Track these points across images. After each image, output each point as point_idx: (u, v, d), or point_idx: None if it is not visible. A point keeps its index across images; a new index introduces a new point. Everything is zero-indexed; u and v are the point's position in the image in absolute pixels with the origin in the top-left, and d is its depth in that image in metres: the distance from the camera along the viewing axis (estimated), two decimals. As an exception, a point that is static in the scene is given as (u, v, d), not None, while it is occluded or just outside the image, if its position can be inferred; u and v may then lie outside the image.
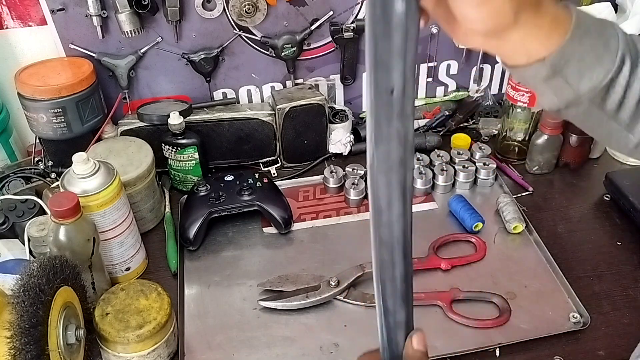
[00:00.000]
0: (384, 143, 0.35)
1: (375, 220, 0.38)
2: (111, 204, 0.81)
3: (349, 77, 1.17)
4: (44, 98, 0.95)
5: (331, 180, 1.06)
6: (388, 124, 0.35)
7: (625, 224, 0.97)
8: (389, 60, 0.34)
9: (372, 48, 0.34)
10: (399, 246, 0.39)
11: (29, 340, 0.60)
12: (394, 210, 0.38)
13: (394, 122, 0.35)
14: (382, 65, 0.34)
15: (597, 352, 0.78)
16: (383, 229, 0.39)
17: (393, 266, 0.40)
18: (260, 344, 0.80)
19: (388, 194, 0.37)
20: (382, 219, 0.38)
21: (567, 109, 0.47)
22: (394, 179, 0.36)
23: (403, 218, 0.38)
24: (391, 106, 0.34)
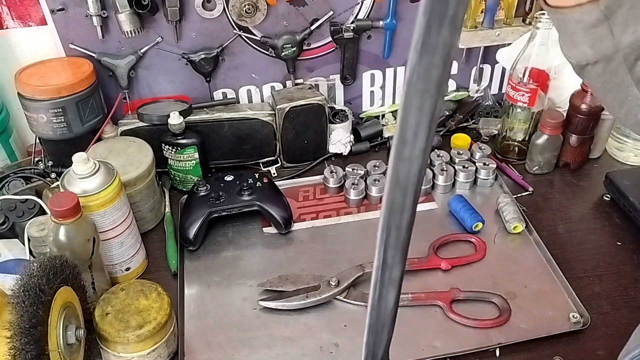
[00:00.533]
0: (428, 55, 0.31)
1: (397, 152, 0.34)
2: (111, 204, 0.81)
3: (349, 77, 1.17)
4: (44, 98, 0.95)
5: (331, 180, 1.06)
6: (438, 31, 0.31)
7: (625, 224, 0.97)
8: None
9: None
10: (412, 188, 0.36)
11: (29, 340, 0.60)
12: (418, 143, 0.33)
13: (444, 30, 0.31)
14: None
15: (597, 352, 0.78)
16: (403, 165, 0.34)
17: (402, 211, 0.37)
18: (260, 344, 0.80)
19: (417, 122, 0.33)
20: (405, 152, 0.34)
21: (595, 65, 0.44)
22: (426, 104, 0.32)
23: (423, 155, 0.34)
24: (446, 6, 0.30)
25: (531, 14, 1.13)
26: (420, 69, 0.31)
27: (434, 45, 0.31)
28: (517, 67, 1.04)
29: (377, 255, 0.39)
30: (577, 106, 1.02)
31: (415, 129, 0.33)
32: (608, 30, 0.41)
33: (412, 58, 0.31)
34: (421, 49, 0.31)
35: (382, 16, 1.10)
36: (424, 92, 0.32)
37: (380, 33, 1.13)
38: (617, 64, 0.44)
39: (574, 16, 0.42)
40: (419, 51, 0.31)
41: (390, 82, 1.21)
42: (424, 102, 0.32)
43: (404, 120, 0.33)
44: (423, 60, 0.31)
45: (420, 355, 0.77)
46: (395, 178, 0.35)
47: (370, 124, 1.19)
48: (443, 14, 0.30)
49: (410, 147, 0.33)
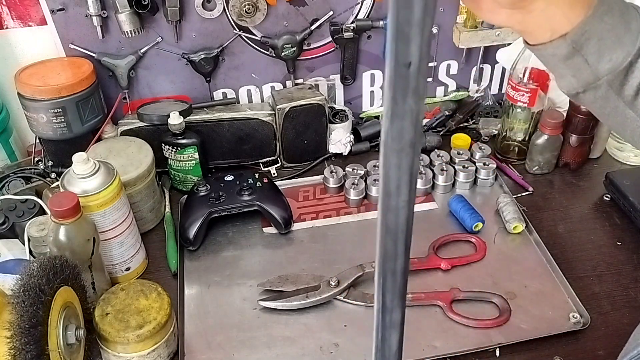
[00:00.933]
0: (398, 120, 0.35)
1: (384, 204, 0.38)
2: (111, 204, 0.81)
3: (349, 77, 1.17)
4: (44, 98, 0.95)
5: (331, 180, 1.06)
6: (403, 100, 0.35)
7: (625, 224, 0.97)
8: (408, 31, 0.33)
9: (394, 17, 0.33)
10: (402, 235, 0.39)
11: (29, 340, 0.60)
12: (401, 195, 0.37)
13: (409, 99, 0.35)
14: (401, 36, 0.33)
15: (597, 352, 0.78)
16: (390, 215, 0.38)
17: (395, 257, 0.40)
18: (260, 344, 0.80)
19: (398, 177, 0.37)
20: (391, 204, 0.37)
21: (585, 93, 0.47)
22: (404, 161, 0.36)
23: (408, 205, 0.38)
24: (407, 81, 0.34)
25: (531, 14, 1.13)
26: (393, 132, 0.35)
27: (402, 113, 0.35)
28: (517, 67, 1.04)
29: (376, 299, 0.42)
30: (577, 106, 1.02)
31: (397, 183, 0.36)
32: (583, 61, 0.44)
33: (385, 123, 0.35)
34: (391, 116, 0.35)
35: (382, 16, 1.10)
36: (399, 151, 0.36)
37: (380, 33, 1.13)
38: (604, 90, 0.46)
39: (548, 51, 0.45)
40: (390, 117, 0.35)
41: (390, 82, 1.20)
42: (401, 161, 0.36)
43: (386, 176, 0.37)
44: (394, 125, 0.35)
45: (420, 355, 0.77)
46: (384, 227, 0.38)
47: (370, 124, 1.19)
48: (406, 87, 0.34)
49: (395, 199, 0.37)
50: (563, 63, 0.45)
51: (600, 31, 0.43)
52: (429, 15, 0.34)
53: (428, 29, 0.35)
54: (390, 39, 0.34)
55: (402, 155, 0.36)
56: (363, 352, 0.79)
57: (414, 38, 0.33)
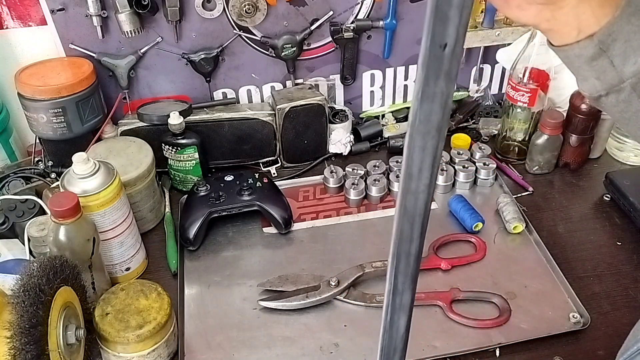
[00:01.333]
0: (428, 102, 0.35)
1: (405, 186, 0.38)
2: (111, 204, 0.81)
3: (349, 77, 1.17)
4: (44, 98, 0.95)
5: (331, 180, 1.06)
6: (435, 82, 0.35)
7: (625, 224, 0.97)
8: (447, 11, 0.34)
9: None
10: (419, 219, 0.39)
11: (29, 340, 0.60)
12: (423, 179, 0.37)
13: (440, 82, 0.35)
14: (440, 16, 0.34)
15: (597, 352, 0.78)
16: (410, 197, 0.38)
17: (411, 240, 0.40)
18: (260, 344, 0.80)
19: (421, 160, 0.37)
20: (411, 186, 0.37)
21: (608, 96, 0.46)
22: (429, 144, 0.36)
23: (428, 190, 0.38)
24: (441, 63, 0.34)
25: (531, 14, 1.12)
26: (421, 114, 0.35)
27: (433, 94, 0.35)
28: (517, 67, 1.04)
29: (388, 281, 0.42)
30: (577, 106, 1.02)
31: (419, 166, 0.37)
32: (609, 62, 0.44)
33: (414, 104, 0.35)
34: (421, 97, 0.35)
35: (382, 16, 1.10)
36: (425, 134, 0.36)
37: (380, 33, 1.13)
38: (627, 93, 0.46)
39: (574, 52, 0.45)
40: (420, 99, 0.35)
41: (390, 82, 1.21)
42: (426, 143, 0.36)
43: (409, 158, 0.36)
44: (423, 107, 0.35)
45: (420, 355, 0.77)
46: (403, 209, 0.38)
47: (370, 124, 1.19)
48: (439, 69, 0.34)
49: (416, 182, 0.37)
50: (588, 65, 0.45)
51: (627, 32, 0.43)
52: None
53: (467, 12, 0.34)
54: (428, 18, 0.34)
55: (427, 137, 0.36)
56: (363, 352, 0.79)
57: (452, 19, 0.34)
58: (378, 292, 0.87)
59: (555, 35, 0.46)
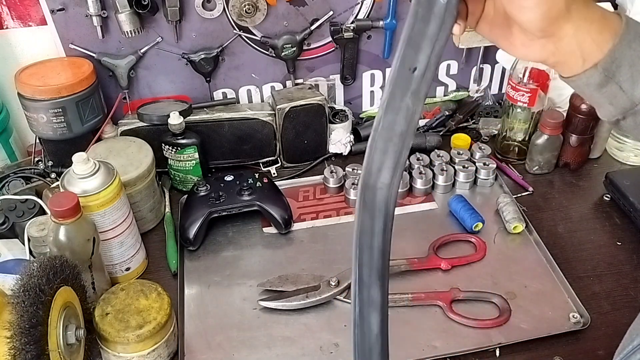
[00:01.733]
0: (392, 113, 0.38)
1: (363, 181, 0.41)
2: (111, 204, 0.81)
3: (349, 77, 1.17)
4: (44, 98, 0.95)
5: (331, 180, 1.06)
6: (401, 98, 0.38)
7: (625, 224, 0.97)
8: (420, 41, 0.37)
9: (409, 26, 0.38)
10: (380, 215, 0.41)
11: (29, 340, 0.60)
12: (381, 178, 0.40)
13: (407, 98, 0.38)
14: (413, 44, 0.37)
15: (597, 352, 0.78)
16: (368, 192, 0.41)
17: (372, 234, 0.43)
18: (260, 344, 0.80)
19: (381, 160, 0.40)
20: (370, 182, 0.40)
21: (626, 120, 0.48)
22: (390, 149, 0.39)
23: (388, 190, 0.40)
24: (409, 83, 0.38)
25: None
26: (385, 122, 0.39)
27: (398, 108, 0.38)
28: (517, 67, 1.04)
29: (353, 271, 0.45)
30: (577, 106, 1.02)
31: (379, 165, 0.40)
32: (617, 88, 0.46)
33: (379, 112, 0.39)
34: (386, 108, 0.39)
35: (382, 16, 1.10)
36: (387, 140, 0.39)
37: (380, 33, 1.13)
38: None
39: (582, 81, 0.47)
40: (384, 109, 0.39)
41: (390, 82, 1.21)
42: (387, 147, 0.39)
43: (369, 156, 0.40)
44: (387, 116, 0.39)
45: (420, 355, 0.77)
46: (362, 202, 0.41)
47: (370, 124, 1.19)
48: (406, 87, 0.38)
49: (374, 178, 0.40)
50: (598, 92, 0.47)
51: (630, 57, 0.44)
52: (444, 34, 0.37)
53: (440, 45, 0.37)
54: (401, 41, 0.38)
55: (389, 143, 0.39)
56: None
57: (424, 49, 0.37)
58: (378, 292, 0.86)
59: (564, 67, 0.47)
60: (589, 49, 0.45)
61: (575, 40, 0.44)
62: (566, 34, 0.44)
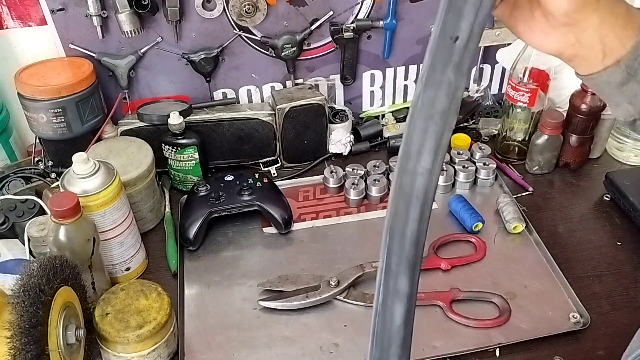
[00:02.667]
0: (432, 88, 0.35)
1: (401, 165, 0.37)
2: (111, 204, 0.81)
3: (349, 77, 1.17)
4: (44, 98, 0.95)
5: (331, 180, 1.06)
6: (442, 71, 0.35)
7: (625, 224, 0.97)
8: (462, 7, 0.34)
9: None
10: (417, 202, 0.38)
11: (29, 340, 0.60)
12: (421, 161, 0.37)
13: (448, 72, 0.35)
14: (455, 10, 0.34)
15: (597, 352, 0.78)
16: (406, 177, 0.37)
17: (406, 221, 0.39)
18: (260, 344, 0.80)
19: (420, 142, 0.36)
20: (408, 166, 0.37)
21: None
22: (431, 129, 0.36)
23: (429, 174, 0.37)
24: (451, 54, 0.34)
25: (531, 14, 1.12)
26: (424, 98, 0.35)
27: (438, 82, 0.35)
28: (517, 67, 1.04)
29: (381, 258, 0.40)
30: (577, 106, 1.02)
31: (419, 147, 0.36)
32: (638, 86, 0.44)
33: (418, 87, 0.35)
34: (425, 82, 0.35)
35: (382, 16, 1.10)
36: (428, 117, 0.35)
37: (380, 33, 1.13)
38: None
39: (602, 79, 0.45)
40: (424, 83, 0.35)
41: (390, 82, 1.21)
42: (428, 127, 0.35)
43: (408, 137, 0.36)
44: (427, 92, 0.35)
45: (420, 355, 0.77)
46: (398, 187, 0.38)
47: (370, 124, 1.19)
48: (447, 59, 0.34)
49: (413, 162, 0.36)
50: (618, 90, 0.45)
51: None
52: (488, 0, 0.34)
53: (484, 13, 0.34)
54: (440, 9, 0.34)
55: (430, 122, 0.35)
56: (363, 352, 0.79)
57: (466, 15, 0.34)
58: (378, 292, 0.86)
59: (582, 62, 0.45)
60: (611, 44, 0.43)
61: (598, 34, 0.43)
62: (590, 24, 0.42)
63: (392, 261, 0.40)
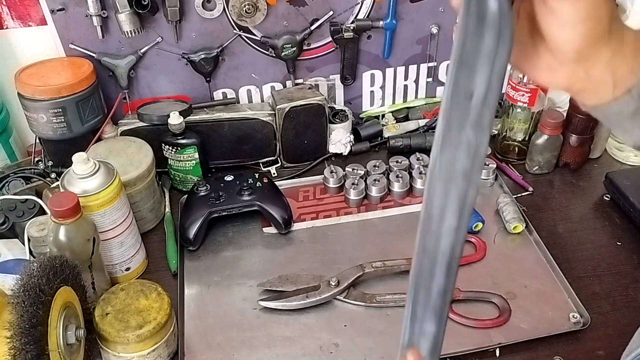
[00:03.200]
0: (450, 149, 0.33)
1: (424, 226, 0.36)
2: (111, 204, 0.81)
3: (349, 77, 1.17)
4: (44, 98, 0.95)
5: (331, 180, 1.06)
6: (459, 131, 0.33)
7: (625, 224, 0.97)
8: (475, 59, 0.32)
9: (459, 44, 0.32)
10: (443, 259, 0.37)
11: (29, 340, 0.60)
12: (445, 223, 0.36)
13: (466, 130, 0.33)
14: (466, 64, 0.32)
15: (597, 352, 0.78)
16: (429, 238, 0.37)
17: (431, 277, 0.38)
18: (260, 344, 0.80)
19: (442, 204, 0.35)
20: (431, 227, 0.36)
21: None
22: (453, 191, 0.34)
23: (455, 234, 0.36)
24: (467, 112, 0.32)
25: (531, 14, 1.12)
26: (442, 161, 0.34)
27: (456, 143, 0.33)
28: (517, 67, 1.04)
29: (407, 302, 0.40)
30: (577, 106, 1.01)
31: (440, 210, 0.35)
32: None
33: (434, 150, 0.34)
34: (442, 145, 0.33)
35: (382, 16, 1.10)
36: (447, 181, 0.34)
37: (380, 33, 1.13)
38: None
39: (612, 110, 0.43)
40: (440, 146, 0.33)
41: (390, 82, 1.21)
42: (449, 189, 0.34)
43: (428, 201, 0.35)
44: (445, 155, 0.33)
45: (420, 355, 0.77)
46: (422, 247, 0.38)
47: (370, 124, 1.19)
48: (463, 118, 0.32)
49: (436, 224, 0.36)
50: (630, 119, 0.43)
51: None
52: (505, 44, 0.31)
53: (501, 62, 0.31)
54: (451, 64, 0.32)
55: (450, 184, 0.34)
56: (363, 352, 0.79)
57: (481, 68, 0.31)
58: (378, 292, 0.87)
59: (590, 94, 0.43)
60: (622, 75, 0.40)
61: (609, 67, 0.40)
62: (602, 59, 0.39)
63: (418, 309, 0.40)
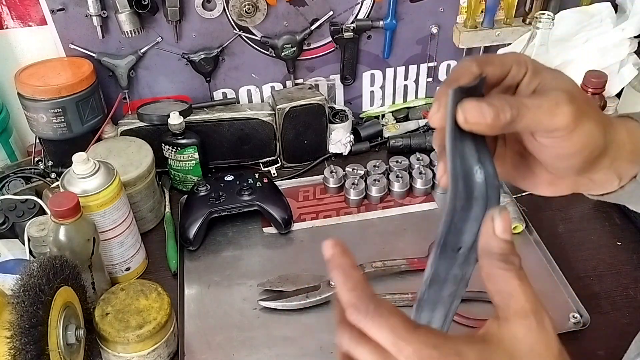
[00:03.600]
0: (437, 284, 0.37)
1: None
2: (111, 204, 0.81)
3: (349, 77, 1.17)
4: (44, 98, 0.95)
5: (331, 180, 1.06)
6: (446, 273, 0.37)
7: (625, 224, 0.97)
8: (463, 226, 0.35)
9: (450, 214, 0.35)
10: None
11: (29, 340, 0.60)
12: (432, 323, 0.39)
13: (454, 270, 0.37)
14: (454, 230, 0.35)
15: (597, 352, 0.78)
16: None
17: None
18: (260, 344, 0.80)
19: (429, 317, 0.39)
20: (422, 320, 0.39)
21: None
22: (439, 308, 0.39)
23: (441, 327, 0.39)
24: (453, 260, 0.36)
25: (531, 14, 1.12)
26: (430, 293, 0.38)
27: (443, 280, 0.38)
28: (517, 67, 1.03)
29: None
30: (577, 106, 1.02)
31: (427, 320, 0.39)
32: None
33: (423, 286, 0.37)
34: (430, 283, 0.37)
35: (382, 16, 1.10)
36: (435, 303, 0.39)
37: (380, 33, 1.13)
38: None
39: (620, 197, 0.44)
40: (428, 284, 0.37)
41: (390, 82, 1.21)
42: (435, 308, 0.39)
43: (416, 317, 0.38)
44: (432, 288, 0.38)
45: (420, 355, 0.77)
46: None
47: (370, 124, 1.19)
48: (451, 265, 0.37)
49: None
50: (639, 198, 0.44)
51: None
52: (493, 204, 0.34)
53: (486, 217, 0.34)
54: (442, 226, 0.35)
55: (438, 304, 0.39)
56: None
57: (469, 230, 0.35)
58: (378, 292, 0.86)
59: (596, 190, 0.44)
60: (624, 169, 0.42)
61: (611, 169, 0.41)
62: (603, 167, 0.41)
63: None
